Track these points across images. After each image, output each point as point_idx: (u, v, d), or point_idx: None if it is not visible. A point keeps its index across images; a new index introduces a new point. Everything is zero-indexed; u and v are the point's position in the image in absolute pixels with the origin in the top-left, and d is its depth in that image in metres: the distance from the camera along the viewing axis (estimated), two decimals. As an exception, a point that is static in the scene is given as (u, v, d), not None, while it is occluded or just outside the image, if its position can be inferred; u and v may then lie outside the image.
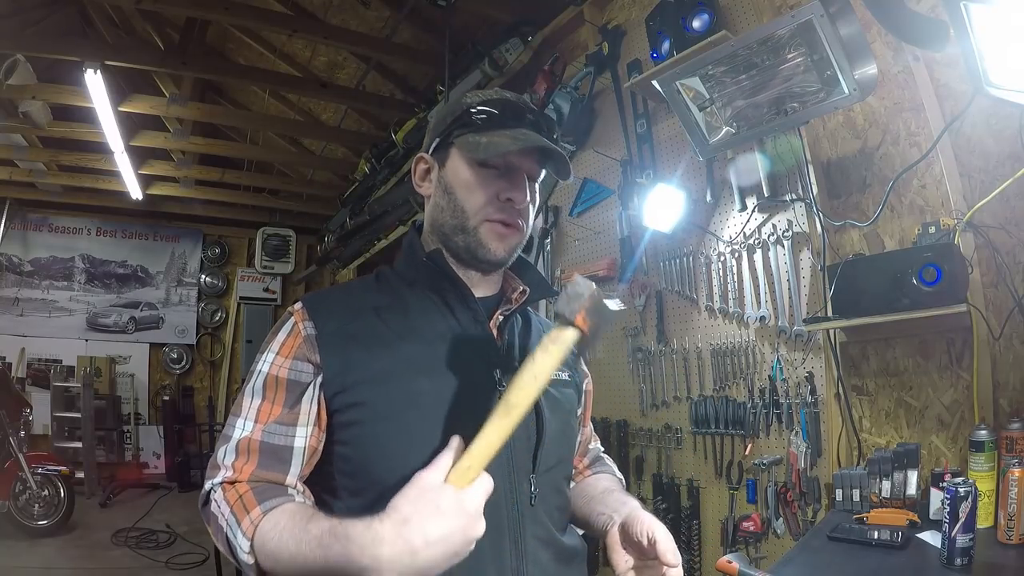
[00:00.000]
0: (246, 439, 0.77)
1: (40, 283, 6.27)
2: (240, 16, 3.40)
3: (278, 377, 0.80)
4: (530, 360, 0.71)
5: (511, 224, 0.86)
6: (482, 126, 0.85)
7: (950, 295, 1.43)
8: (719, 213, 2.19)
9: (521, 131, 0.85)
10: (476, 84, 3.24)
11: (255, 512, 0.70)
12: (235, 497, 0.73)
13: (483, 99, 0.88)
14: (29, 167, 5.25)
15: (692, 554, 2.19)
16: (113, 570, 3.71)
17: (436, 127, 0.91)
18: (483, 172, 0.85)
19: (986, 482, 1.34)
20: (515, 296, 0.91)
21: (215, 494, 0.75)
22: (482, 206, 0.85)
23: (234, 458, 0.76)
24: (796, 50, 1.56)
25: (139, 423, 6.42)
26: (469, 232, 0.86)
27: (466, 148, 0.85)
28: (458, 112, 0.88)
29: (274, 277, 7.11)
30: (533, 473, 0.83)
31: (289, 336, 0.82)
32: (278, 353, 0.81)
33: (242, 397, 0.81)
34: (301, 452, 0.78)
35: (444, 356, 0.82)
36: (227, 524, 0.72)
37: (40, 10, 3.98)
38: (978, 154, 1.57)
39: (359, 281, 0.99)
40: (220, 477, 0.76)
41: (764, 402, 1.98)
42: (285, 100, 5.02)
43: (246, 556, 0.70)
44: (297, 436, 0.78)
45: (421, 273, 0.89)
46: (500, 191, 0.85)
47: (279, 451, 0.77)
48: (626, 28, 2.55)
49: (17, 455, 4.14)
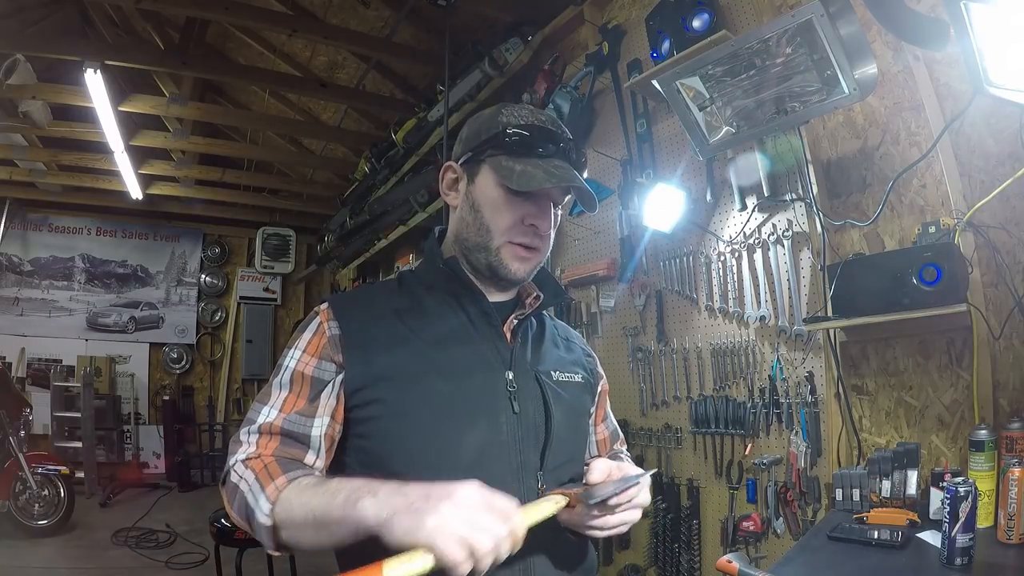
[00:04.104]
0: (268, 424, 0.81)
1: (40, 283, 6.28)
2: (240, 16, 3.40)
3: (304, 373, 0.84)
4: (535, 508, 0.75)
5: (533, 248, 0.90)
6: (516, 150, 0.88)
7: (950, 295, 1.43)
8: (719, 213, 2.19)
9: (554, 163, 0.88)
10: (476, 84, 3.24)
11: (280, 479, 0.74)
12: (260, 466, 0.77)
13: (518, 120, 0.90)
14: (29, 167, 5.25)
15: (692, 554, 2.19)
16: (113, 570, 3.71)
17: (469, 140, 0.93)
18: (511, 195, 0.88)
19: (986, 482, 1.34)
20: (529, 301, 0.95)
21: (237, 467, 0.78)
22: (507, 228, 0.89)
23: (258, 437, 0.81)
24: (796, 50, 1.56)
25: (139, 423, 6.42)
26: (491, 252, 0.89)
27: (499, 172, 0.88)
28: (494, 131, 0.90)
29: (274, 277, 7.12)
30: (540, 470, 0.86)
31: (315, 335, 0.86)
32: (305, 351, 0.85)
33: (269, 388, 0.85)
34: (319, 439, 0.82)
35: (459, 358, 0.86)
36: (249, 489, 0.75)
37: (40, 10, 3.97)
38: (978, 154, 1.57)
39: (383, 284, 1.05)
40: (243, 453, 0.79)
41: (764, 402, 1.98)
42: (285, 100, 5.03)
43: (264, 518, 0.72)
44: (315, 426, 0.82)
45: (439, 278, 0.92)
46: (526, 216, 0.89)
47: (299, 437, 0.82)
48: (626, 28, 2.55)
49: (17, 455, 4.14)
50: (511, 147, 0.88)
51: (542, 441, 0.87)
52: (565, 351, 1.00)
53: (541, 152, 0.88)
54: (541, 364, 0.93)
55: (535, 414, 0.88)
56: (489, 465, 0.82)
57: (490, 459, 0.83)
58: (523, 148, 0.88)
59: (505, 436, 0.85)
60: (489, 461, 0.83)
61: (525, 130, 0.88)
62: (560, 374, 0.95)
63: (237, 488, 0.76)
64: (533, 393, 0.89)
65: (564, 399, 0.92)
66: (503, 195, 0.88)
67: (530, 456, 0.86)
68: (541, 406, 0.89)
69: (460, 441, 0.82)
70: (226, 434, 6.77)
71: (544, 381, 0.91)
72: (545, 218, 0.89)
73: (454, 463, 0.80)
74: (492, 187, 0.89)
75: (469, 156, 0.92)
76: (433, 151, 3.82)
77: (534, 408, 0.88)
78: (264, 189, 6.21)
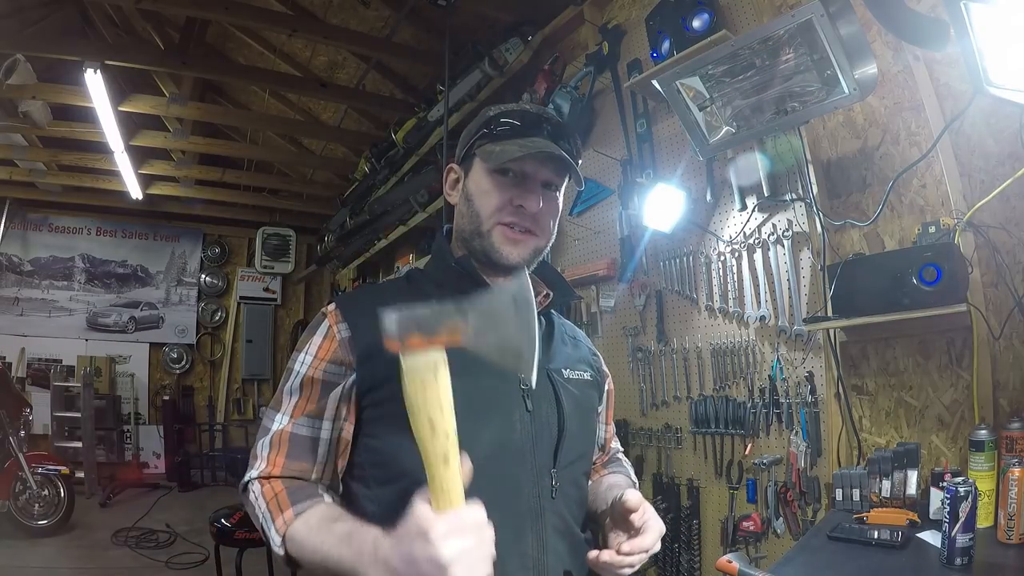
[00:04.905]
0: (279, 431, 0.84)
1: (40, 283, 6.28)
2: (240, 16, 3.40)
3: (314, 378, 0.85)
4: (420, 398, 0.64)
5: (524, 229, 0.90)
6: (501, 136, 0.90)
7: (950, 295, 1.43)
8: (719, 213, 2.19)
9: (533, 140, 0.89)
10: (476, 84, 3.24)
11: (288, 513, 0.77)
12: (271, 495, 0.80)
13: (505, 110, 0.93)
14: (29, 167, 5.25)
15: (692, 554, 2.19)
16: (113, 570, 3.71)
17: (464, 138, 0.97)
18: (499, 179, 0.89)
19: (986, 482, 1.34)
20: (539, 300, 0.94)
21: (253, 486, 0.82)
22: (495, 210, 0.89)
23: (268, 450, 0.83)
24: (796, 50, 1.56)
25: (139, 423, 6.41)
26: (484, 236, 0.90)
27: (482, 156, 0.91)
28: (482, 123, 0.94)
29: (274, 277, 7.12)
30: (554, 468, 0.87)
31: (325, 339, 0.87)
32: (315, 356, 0.86)
33: (280, 394, 0.87)
34: (327, 443, 0.84)
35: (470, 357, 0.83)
36: (263, 517, 0.79)
37: (40, 10, 3.97)
38: (978, 154, 1.57)
39: (390, 283, 1.05)
40: (257, 471, 0.83)
41: (764, 402, 1.98)
42: (285, 100, 5.02)
43: (277, 549, 0.77)
44: (323, 429, 0.84)
45: (449, 276, 0.93)
46: (513, 197, 0.89)
47: (307, 442, 0.84)
48: (626, 28, 2.55)
49: (17, 455, 4.14)
50: (497, 135, 0.91)
51: (555, 439, 0.88)
52: (573, 349, 1.01)
53: (523, 132, 0.89)
54: (552, 362, 0.94)
55: (548, 412, 0.89)
56: (503, 464, 0.83)
57: (504, 458, 0.83)
58: (509, 132, 0.90)
59: (519, 434, 0.85)
60: (503, 460, 0.83)
61: (510, 117, 0.92)
62: (570, 372, 0.95)
63: (255, 508, 0.81)
64: (546, 391, 0.90)
65: (575, 396, 0.93)
66: (491, 180, 0.90)
67: (544, 454, 0.87)
68: (554, 404, 0.89)
69: (474, 440, 0.80)
70: (226, 434, 6.79)
71: (556, 379, 0.91)
72: (532, 198, 0.89)
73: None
74: (482, 175, 0.91)
75: (464, 153, 0.95)
76: (433, 151, 3.82)
77: (547, 406, 0.89)
78: (264, 189, 6.21)
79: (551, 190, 0.93)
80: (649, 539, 0.81)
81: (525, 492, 0.84)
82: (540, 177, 0.90)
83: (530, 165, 0.89)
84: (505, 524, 0.81)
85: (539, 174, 0.90)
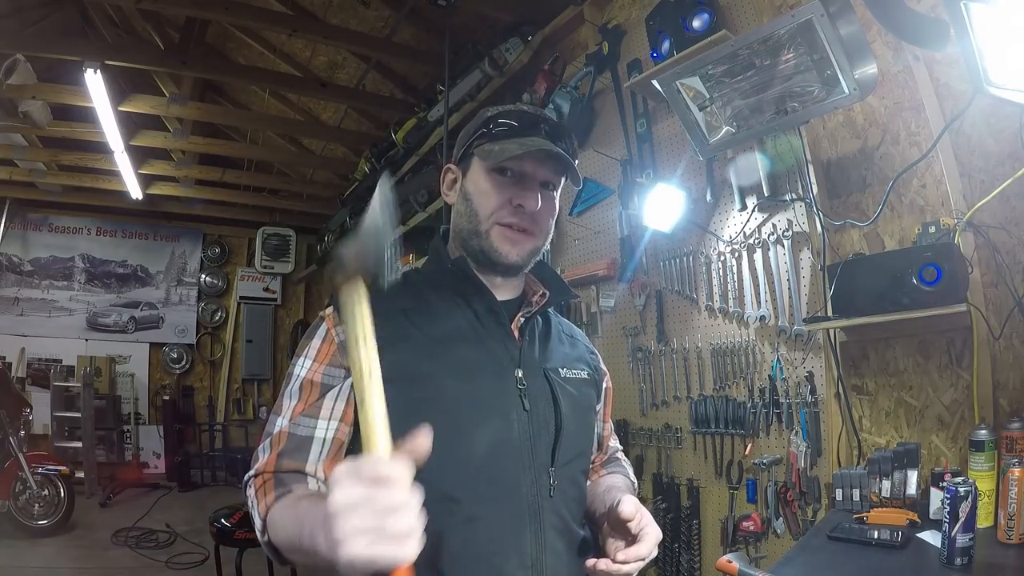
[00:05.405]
0: (278, 433, 0.85)
1: (40, 283, 6.27)
2: (240, 16, 3.40)
3: (312, 380, 0.85)
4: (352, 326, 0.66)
5: (522, 229, 0.91)
6: (499, 136, 0.91)
7: (950, 295, 1.43)
8: (719, 213, 2.19)
9: (531, 139, 0.90)
10: (476, 84, 3.24)
11: (270, 497, 0.78)
12: (260, 483, 0.81)
13: (503, 111, 0.95)
14: (29, 167, 5.24)
15: (692, 554, 2.19)
16: (113, 570, 3.71)
17: (462, 138, 0.98)
18: (498, 179, 0.90)
19: (986, 482, 1.34)
20: (536, 299, 0.97)
21: (250, 483, 0.84)
22: (494, 210, 0.90)
23: (267, 452, 0.84)
24: (796, 50, 1.56)
25: (139, 423, 6.41)
26: (482, 236, 0.91)
27: (481, 155, 0.91)
28: (480, 123, 0.95)
29: (274, 277, 7.11)
30: (552, 466, 0.87)
31: (324, 343, 0.87)
32: (314, 360, 0.87)
33: (282, 399, 0.88)
34: (322, 441, 0.83)
35: (468, 357, 0.87)
36: (252, 506, 0.81)
37: (40, 10, 3.97)
38: (978, 154, 1.57)
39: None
40: (254, 469, 0.84)
41: (764, 402, 1.98)
42: (285, 100, 5.02)
43: (260, 534, 0.78)
44: (318, 428, 0.84)
45: (446, 277, 0.93)
46: (512, 197, 0.90)
47: (304, 441, 0.83)
48: (626, 28, 2.55)
49: (17, 455, 4.14)
50: (496, 135, 0.91)
51: (552, 437, 0.88)
52: (570, 347, 1.01)
53: (521, 132, 0.90)
54: (549, 361, 0.94)
55: (545, 411, 0.89)
56: (501, 463, 0.83)
57: (502, 457, 0.84)
58: (507, 132, 0.91)
59: (517, 434, 0.85)
60: (501, 459, 0.83)
61: (508, 117, 0.93)
62: (567, 371, 0.96)
63: (248, 502, 0.82)
64: (543, 390, 0.90)
65: (572, 395, 0.93)
66: (489, 180, 0.90)
67: (541, 453, 0.87)
68: (551, 403, 0.90)
69: (472, 440, 0.83)
70: (226, 434, 6.78)
71: (553, 378, 0.92)
72: (531, 197, 0.89)
73: (466, 462, 0.81)
74: (480, 175, 0.92)
75: (461, 153, 0.96)
76: (433, 151, 3.82)
77: (544, 405, 0.89)
78: (264, 189, 6.21)
79: (549, 190, 0.93)
80: (645, 547, 0.81)
81: (523, 491, 0.84)
82: (539, 176, 0.91)
83: (529, 164, 0.90)
84: (504, 523, 0.82)
85: (538, 173, 0.91)
